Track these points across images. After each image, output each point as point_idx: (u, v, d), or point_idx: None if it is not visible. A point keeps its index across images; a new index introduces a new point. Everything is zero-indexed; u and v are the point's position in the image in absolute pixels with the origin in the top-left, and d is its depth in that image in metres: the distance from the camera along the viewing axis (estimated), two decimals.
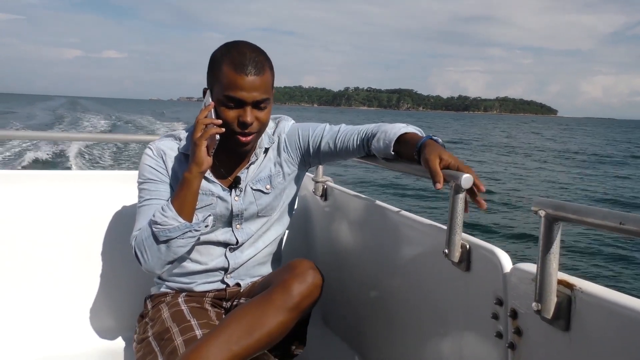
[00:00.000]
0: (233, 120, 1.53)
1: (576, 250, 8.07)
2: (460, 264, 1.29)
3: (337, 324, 2.14)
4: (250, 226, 1.72)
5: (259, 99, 1.53)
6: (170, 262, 1.56)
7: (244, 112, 1.53)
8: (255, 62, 1.51)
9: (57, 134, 3.37)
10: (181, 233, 1.52)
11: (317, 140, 1.70)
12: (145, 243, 1.53)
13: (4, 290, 1.90)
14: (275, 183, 1.72)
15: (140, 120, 36.30)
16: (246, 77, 1.49)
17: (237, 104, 1.52)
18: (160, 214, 1.52)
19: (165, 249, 1.52)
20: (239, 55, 1.51)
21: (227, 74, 1.50)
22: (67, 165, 12.98)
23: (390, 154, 1.53)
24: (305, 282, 1.46)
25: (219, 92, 1.53)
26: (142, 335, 1.63)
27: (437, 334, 1.47)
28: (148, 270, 1.56)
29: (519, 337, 1.11)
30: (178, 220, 1.51)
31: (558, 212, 0.95)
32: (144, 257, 1.54)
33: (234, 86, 1.50)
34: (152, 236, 1.52)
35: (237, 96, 1.50)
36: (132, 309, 1.87)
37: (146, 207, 1.60)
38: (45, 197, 2.02)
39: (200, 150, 1.51)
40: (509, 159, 23.59)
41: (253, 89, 1.51)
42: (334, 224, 2.12)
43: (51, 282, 1.96)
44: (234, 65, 1.49)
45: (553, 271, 0.99)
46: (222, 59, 1.52)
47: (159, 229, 1.51)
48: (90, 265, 2.01)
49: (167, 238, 1.51)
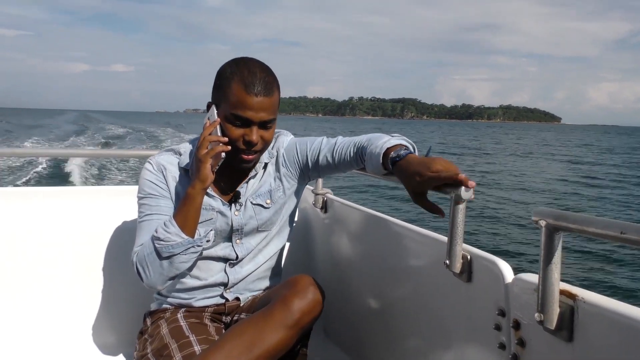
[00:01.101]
0: (238, 138, 1.52)
1: (578, 260, 8.02)
2: (462, 275, 1.28)
3: (338, 336, 2.12)
4: (250, 241, 1.71)
5: (266, 119, 1.53)
6: (172, 278, 1.55)
7: (250, 132, 1.52)
8: (265, 83, 1.50)
9: (57, 151, 3.38)
10: (184, 249, 1.51)
11: (315, 154, 1.68)
12: (147, 259, 1.52)
13: (4, 306, 1.90)
14: (276, 198, 1.71)
15: (159, 132, 38.11)
16: (255, 97, 1.49)
17: (243, 122, 1.51)
18: (163, 229, 1.51)
19: (167, 265, 1.51)
20: (250, 75, 1.50)
21: (236, 92, 1.49)
22: (69, 180, 13.03)
23: (382, 172, 1.47)
24: (305, 298, 1.45)
25: (225, 109, 1.52)
26: (142, 352, 1.61)
27: (439, 345, 1.45)
28: (150, 286, 1.55)
29: (522, 348, 1.10)
30: (181, 236, 1.50)
31: (559, 222, 0.94)
32: (146, 273, 1.52)
33: (242, 105, 1.49)
34: (155, 252, 1.50)
35: (245, 115, 1.50)
36: (133, 325, 1.86)
37: (147, 223, 1.59)
38: (45, 214, 2.02)
39: (205, 167, 1.50)
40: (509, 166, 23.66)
41: (261, 110, 1.50)
42: (334, 236, 2.11)
43: (51, 298, 1.95)
44: (244, 85, 1.49)
45: (555, 281, 0.98)
46: (231, 77, 1.51)
47: (162, 245, 1.50)
48: (91, 281, 2.00)
49: (170, 254, 1.50)
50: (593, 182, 18.95)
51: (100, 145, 24.57)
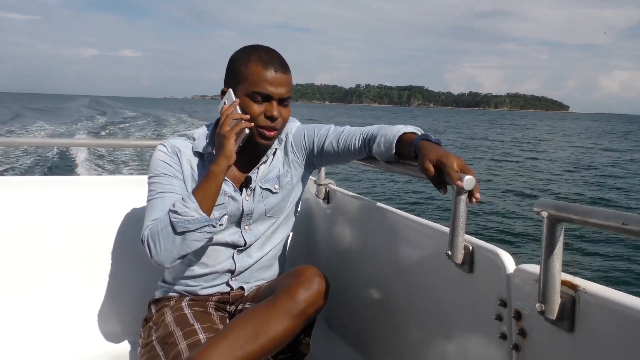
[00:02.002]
0: (259, 114, 1.57)
1: (579, 251, 8.01)
2: (464, 266, 1.28)
3: (340, 327, 2.13)
4: (258, 227, 1.72)
5: (284, 95, 1.58)
6: (181, 257, 1.52)
7: (270, 107, 1.57)
8: (281, 61, 1.58)
9: (61, 140, 3.40)
10: (200, 226, 1.49)
11: (322, 141, 1.70)
12: (160, 233, 1.49)
13: (11, 295, 1.92)
14: (284, 183, 1.72)
15: (174, 119, 38.46)
16: (275, 73, 1.56)
17: (264, 98, 1.56)
18: (182, 204, 1.49)
19: (180, 241, 1.48)
20: (266, 54, 1.58)
21: (255, 70, 1.55)
22: (75, 171, 13.02)
23: (392, 156, 1.52)
24: (310, 288, 1.46)
25: (245, 89, 1.56)
26: (147, 339, 1.63)
27: (441, 335, 1.46)
28: (157, 262, 1.51)
29: (523, 338, 1.11)
30: (199, 212, 1.49)
31: (560, 213, 0.94)
32: (157, 247, 1.49)
33: (263, 81, 1.55)
34: (170, 226, 1.48)
35: (265, 91, 1.55)
36: (138, 313, 1.88)
37: (159, 200, 1.57)
38: (51, 203, 2.03)
39: (229, 143, 1.51)
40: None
41: (280, 85, 1.56)
42: (337, 226, 2.11)
43: (57, 287, 1.97)
44: (263, 63, 1.55)
45: (556, 272, 0.98)
46: (248, 58, 1.57)
47: (178, 219, 1.48)
48: (96, 270, 2.02)
49: (185, 230, 1.48)
50: (588, 169, 19.11)
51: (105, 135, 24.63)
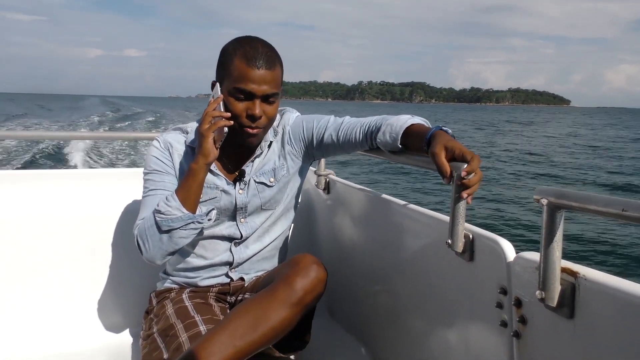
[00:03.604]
0: (241, 112, 1.55)
1: (579, 238, 8.01)
2: (464, 254, 1.28)
3: (342, 316, 2.14)
4: (254, 220, 1.72)
5: (268, 92, 1.54)
6: (171, 253, 1.56)
7: (252, 105, 1.54)
8: (267, 57, 1.53)
9: (62, 133, 3.40)
10: (184, 224, 1.52)
11: (321, 132, 1.69)
12: (147, 232, 1.53)
13: (12, 288, 1.92)
14: (279, 176, 1.71)
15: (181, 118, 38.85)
16: (257, 70, 1.51)
17: (246, 96, 1.54)
18: (164, 203, 1.52)
19: (167, 239, 1.52)
20: (252, 49, 1.53)
21: (238, 66, 1.52)
22: (71, 164, 12.97)
23: (397, 147, 1.51)
24: (308, 276, 1.46)
25: (228, 85, 1.54)
26: (148, 331, 1.64)
27: (442, 324, 1.46)
28: (148, 259, 1.56)
29: (524, 325, 1.11)
30: (181, 210, 1.51)
31: (560, 200, 0.94)
32: (146, 246, 1.53)
33: (245, 79, 1.52)
34: (155, 225, 1.52)
35: (247, 88, 1.52)
36: (139, 305, 1.88)
37: (151, 197, 1.60)
38: (51, 196, 2.03)
39: (207, 142, 1.52)
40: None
41: (264, 82, 1.53)
42: (337, 217, 2.11)
43: (58, 280, 1.98)
44: (246, 59, 1.51)
45: (556, 259, 0.98)
46: (234, 52, 1.54)
47: (162, 218, 1.51)
48: (97, 263, 2.02)
49: (169, 228, 1.51)
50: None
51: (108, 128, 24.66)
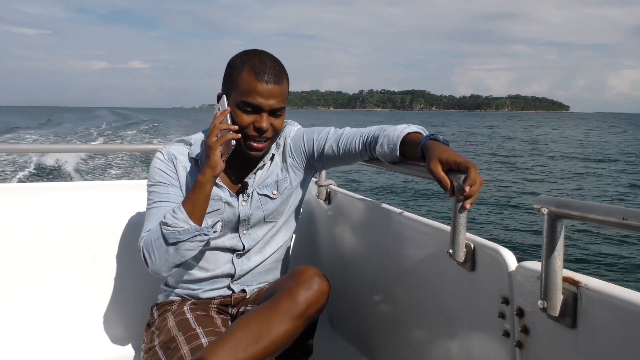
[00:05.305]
0: (248, 125, 1.56)
1: (580, 247, 7.99)
2: (465, 264, 1.28)
3: (343, 327, 2.13)
4: (257, 232, 1.72)
5: (276, 107, 1.56)
6: (177, 265, 1.56)
7: (260, 118, 1.55)
8: (275, 72, 1.55)
9: (61, 146, 3.41)
10: (191, 236, 1.52)
11: (322, 144, 1.70)
12: (154, 244, 1.53)
13: (14, 301, 1.91)
14: (282, 188, 1.72)
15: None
16: (266, 84, 1.53)
17: (254, 109, 1.55)
18: (171, 215, 1.52)
19: (173, 252, 1.52)
20: (260, 64, 1.55)
21: (247, 80, 1.53)
22: (71, 176, 12.92)
23: (396, 157, 1.52)
24: (311, 289, 1.45)
25: (236, 97, 1.55)
26: (149, 344, 1.63)
27: (444, 334, 1.46)
28: (154, 272, 1.56)
29: (526, 335, 1.11)
30: (189, 222, 1.51)
31: (560, 209, 0.94)
32: (152, 258, 1.53)
33: (253, 92, 1.53)
34: (162, 237, 1.51)
35: (255, 102, 1.53)
36: (141, 317, 1.87)
37: (155, 209, 1.60)
38: (53, 209, 2.03)
39: (215, 154, 1.52)
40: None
41: (271, 97, 1.54)
42: (338, 227, 2.11)
43: (61, 292, 1.97)
44: (254, 73, 1.53)
45: (558, 268, 0.98)
46: (242, 66, 1.55)
47: (169, 230, 1.51)
48: (99, 275, 2.02)
49: (177, 240, 1.51)
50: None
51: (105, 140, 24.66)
